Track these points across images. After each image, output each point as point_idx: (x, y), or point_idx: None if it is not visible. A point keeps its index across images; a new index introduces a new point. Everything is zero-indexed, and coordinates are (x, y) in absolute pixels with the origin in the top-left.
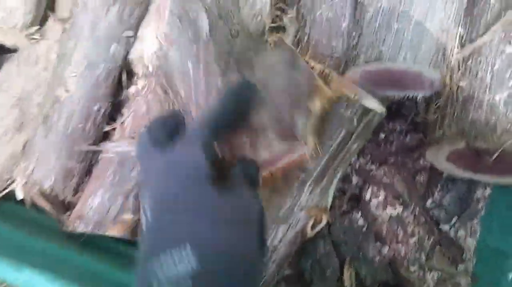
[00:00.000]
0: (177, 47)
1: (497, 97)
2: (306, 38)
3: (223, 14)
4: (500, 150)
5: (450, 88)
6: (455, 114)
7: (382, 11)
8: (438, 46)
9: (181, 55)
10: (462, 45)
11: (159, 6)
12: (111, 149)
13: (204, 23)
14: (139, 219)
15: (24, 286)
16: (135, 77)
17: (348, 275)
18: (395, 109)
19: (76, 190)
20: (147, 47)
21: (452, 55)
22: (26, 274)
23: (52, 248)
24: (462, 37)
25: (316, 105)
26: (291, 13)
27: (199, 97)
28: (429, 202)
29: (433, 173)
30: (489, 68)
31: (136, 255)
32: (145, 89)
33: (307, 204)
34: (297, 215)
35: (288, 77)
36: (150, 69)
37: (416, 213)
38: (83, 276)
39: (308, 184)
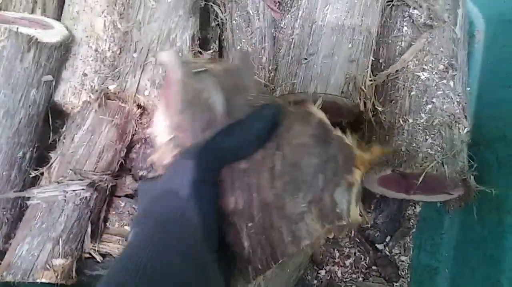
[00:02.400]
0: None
1: (416, 123)
2: None
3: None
4: (423, 175)
5: (368, 116)
6: (380, 142)
7: (294, 45)
8: (348, 77)
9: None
10: (376, 72)
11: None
12: (38, 195)
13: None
14: (70, 263)
15: None
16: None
17: None
18: None
19: (8, 237)
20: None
21: (365, 84)
22: None
23: None
24: (374, 65)
25: (357, 174)
26: (214, 46)
27: None
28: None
29: (366, 195)
30: (407, 94)
31: None
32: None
33: None
34: None
35: (322, 154)
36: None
37: (352, 235)
38: None
39: None
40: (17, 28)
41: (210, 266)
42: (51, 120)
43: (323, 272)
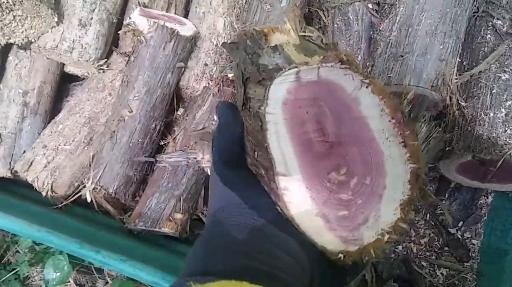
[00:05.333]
0: None
1: (496, 116)
2: None
3: None
4: (502, 160)
5: (453, 109)
6: (461, 132)
7: (391, 45)
8: (438, 73)
9: None
10: (460, 73)
11: None
12: (165, 159)
13: None
14: (187, 219)
15: (101, 263)
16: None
17: (368, 270)
18: None
19: (134, 195)
20: None
21: (451, 81)
22: (102, 255)
23: (119, 240)
24: (459, 67)
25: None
26: None
27: None
28: (438, 209)
29: (442, 183)
30: (489, 92)
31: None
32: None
33: None
34: None
35: None
36: None
37: (427, 218)
38: (145, 259)
39: None
40: (164, 22)
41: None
42: (175, 101)
43: (400, 247)
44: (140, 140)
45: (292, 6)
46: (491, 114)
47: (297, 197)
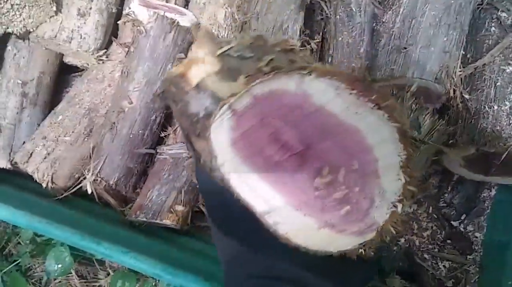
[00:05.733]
0: None
1: (500, 109)
2: (330, 59)
3: None
4: (506, 153)
5: (456, 102)
6: (465, 125)
7: (394, 37)
8: (441, 66)
9: None
10: (464, 65)
11: None
12: (166, 152)
13: None
14: (188, 210)
15: (102, 255)
16: None
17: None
18: None
19: (135, 187)
20: None
21: (455, 73)
22: (103, 246)
23: (120, 231)
24: (462, 59)
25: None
26: (317, 38)
27: None
28: (441, 202)
29: (444, 176)
30: (493, 84)
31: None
32: None
33: None
34: None
35: None
36: None
37: (430, 211)
38: (147, 251)
39: None
40: (164, 12)
41: None
42: None
43: (402, 240)
44: (140, 132)
45: (196, 25)
46: (495, 107)
47: (292, 223)
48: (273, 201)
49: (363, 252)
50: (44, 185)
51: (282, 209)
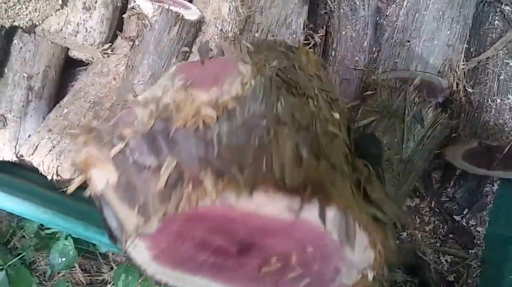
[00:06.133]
0: None
1: (503, 103)
2: (333, 53)
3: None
4: (508, 146)
5: (459, 96)
6: (468, 118)
7: (397, 30)
8: (445, 59)
9: None
10: (467, 59)
11: None
12: None
13: None
14: None
15: (106, 246)
16: None
17: None
18: None
19: None
20: None
21: (458, 67)
22: (107, 237)
23: None
24: (466, 53)
25: None
26: (321, 31)
27: None
28: (443, 197)
29: (447, 170)
30: (496, 78)
31: None
32: None
33: None
34: None
35: None
36: None
37: (432, 205)
38: None
39: None
40: (168, 6)
41: None
42: None
43: (404, 234)
44: None
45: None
46: (498, 100)
47: None
48: None
49: None
50: (49, 177)
51: None
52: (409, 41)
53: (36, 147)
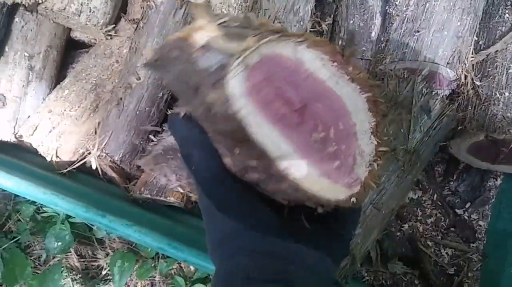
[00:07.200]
0: None
1: (511, 96)
2: (340, 42)
3: None
4: None
5: (467, 88)
6: (475, 111)
7: (407, 20)
8: (454, 50)
9: None
10: (476, 51)
11: None
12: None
13: None
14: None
15: (106, 227)
16: None
17: (373, 247)
18: None
19: (139, 165)
20: None
21: (467, 59)
22: (107, 219)
23: (124, 206)
24: (474, 45)
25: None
26: (328, 20)
27: None
28: (445, 190)
29: (450, 164)
30: (505, 71)
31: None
32: None
33: None
34: None
35: None
36: None
37: (434, 198)
38: (151, 225)
39: None
40: None
41: None
42: None
43: (406, 226)
44: (147, 108)
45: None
46: (506, 94)
47: (299, 170)
48: (283, 148)
49: (354, 202)
50: (48, 159)
51: (291, 156)
52: (418, 31)
53: (36, 128)
